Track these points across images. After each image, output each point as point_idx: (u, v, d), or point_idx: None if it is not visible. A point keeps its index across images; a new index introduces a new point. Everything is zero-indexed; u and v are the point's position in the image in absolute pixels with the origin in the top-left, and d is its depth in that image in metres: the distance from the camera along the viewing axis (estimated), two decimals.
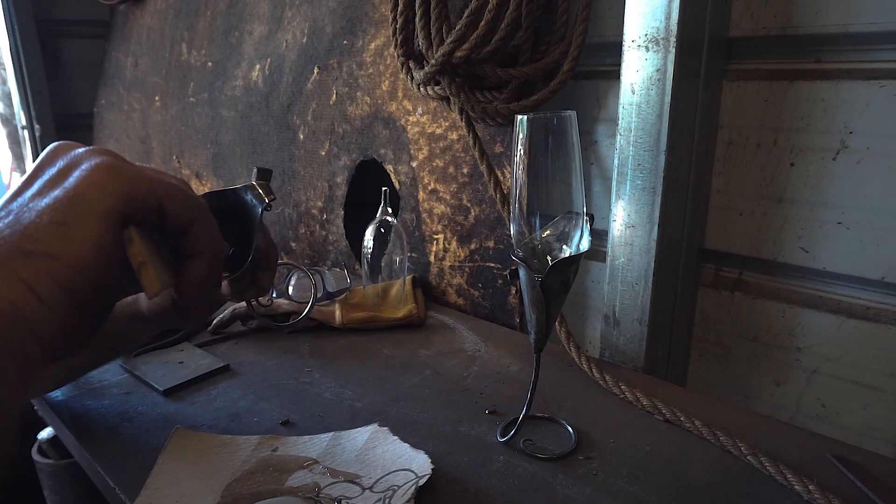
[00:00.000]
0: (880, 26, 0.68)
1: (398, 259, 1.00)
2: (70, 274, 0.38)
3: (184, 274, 0.46)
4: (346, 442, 0.64)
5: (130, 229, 0.41)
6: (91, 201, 0.39)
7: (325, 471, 0.59)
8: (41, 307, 0.37)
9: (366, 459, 0.60)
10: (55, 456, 1.24)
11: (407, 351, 0.89)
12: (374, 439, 0.63)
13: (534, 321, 0.61)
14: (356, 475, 0.58)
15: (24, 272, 0.37)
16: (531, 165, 0.57)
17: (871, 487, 0.56)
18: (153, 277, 0.42)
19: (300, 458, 0.62)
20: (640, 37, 0.74)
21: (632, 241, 0.80)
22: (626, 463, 0.62)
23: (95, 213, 0.39)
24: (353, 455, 0.61)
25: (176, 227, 0.44)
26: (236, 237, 0.56)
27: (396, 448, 0.61)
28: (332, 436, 0.65)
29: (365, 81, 1.15)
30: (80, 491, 1.23)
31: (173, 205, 0.43)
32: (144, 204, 0.41)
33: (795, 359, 0.81)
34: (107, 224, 0.39)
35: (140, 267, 0.41)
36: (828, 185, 0.75)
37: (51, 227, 0.38)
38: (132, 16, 1.85)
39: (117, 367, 0.84)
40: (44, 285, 0.37)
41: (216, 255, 0.47)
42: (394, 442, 0.62)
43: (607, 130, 0.91)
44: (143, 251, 0.41)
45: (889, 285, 0.72)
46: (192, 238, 0.45)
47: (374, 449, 0.62)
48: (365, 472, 0.58)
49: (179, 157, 1.67)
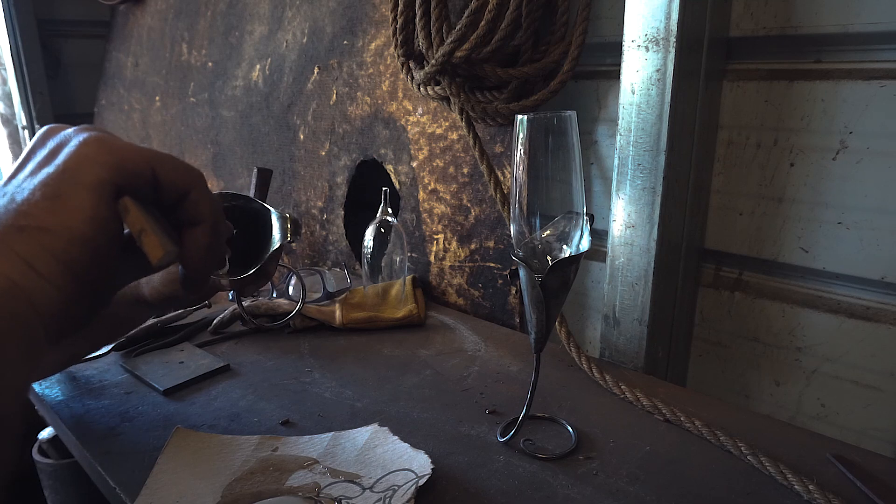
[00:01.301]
0: (880, 26, 0.68)
1: (398, 259, 1.00)
2: (66, 246, 0.38)
3: (186, 242, 0.45)
4: (346, 442, 0.64)
5: (125, 199, 0.41)
6: (82, 174, 0.39)
7: (326, 471, 0.60)
8: (39, 280, 0.37)
9: (366, 459, 0.60)
10: (55, 456, 1.24)
11: (407, 351, 0.89)
12: (374, 439, 0.63)
13: (534, 321, 0.61)
14: (356, 475, 0.58)
15: (21, 247, 0.37)
16: (531, 165, 0.57)
17: (871, 487, 0.56)
18: (155, 242, 0.41)
19: (301, 458, 0.62)
20: (640, 37, 0.74)
21: (632, 241, 0.80)
22: (626, 463, 0.62)
23: (86, 185, 0.39)
24: (354, 455, 0.61)
25: (172, 195, 0.44)
26: (243, 242, 0.57)
27: (397, 448, 0.61)
28: (333, 436, 0.65)
29: (365, 81, 1.15)
30: (81, 491, 1.23)
31: (166, 173, 0.43)
32: (136, 174, 0.41)
33: (795, 359, 0.81)
34: (99, 195, 0.39)
35: (140, 234, 0.41)
36: (828, 185, 0.75)
37: (43, 202, 0.38)
38: (132, 16, 1.85)
39: (117, 366, 0.84)
40: (40, 259, 0.37)
41: (217, 220, 0.47)
42: (394, 442, 0.62)
43: (607, 130, 0.91)
44: (140, 218, 0.41)
45: (889, 285, 0.72)
46: (190, 205, 0.45)
47: (374, 449, 0.62)
48: (365, 472, 0.59)
49: (180, 157, 1.67)
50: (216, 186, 1.56)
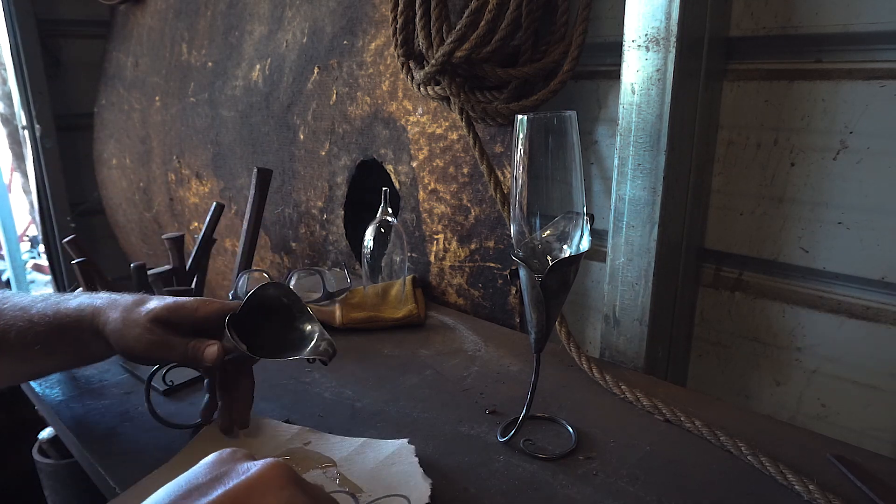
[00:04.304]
0: (880, 26, 0.68)
1: (398, 259, 0.99)
2: None
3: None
4: (371, 451, 0.63)
5: None
6: None
7: (337, 476, 0.59)
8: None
9: (378, 475, 0.59)
10: (56, 456, 1.24)
11: (407, 351, 0.89)
12: (396, 455, 0.62)
13: (534, 321, 0.61)
14: (360, 489, 0.57)
15: None
16: (531, 165, 0.57)
17: (871, 487, 0.56)
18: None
19: (322, 458, 0.62)
20: (640, 37, 0.74)
21: (632, 241, 0.80)
22: (626, 463, 0.62)
23: None
24: (370, 466, 0.60)
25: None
26: (257, 327, 0.62)
27: (410, 470, 0.59)
28: (362, 443, 0.64)
29: (365, 81, 1.15)
30: (81, 491, 1.23)
31: None
32: None
33: (795, 359, 0.81)
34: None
35: None
36: (828, 185, 0.75)
37: None
38: (132, 16, 1.85)
39: (117, 367, 0.84)
40: None
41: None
42: (412, 464, 0.60)
43: (607, 130, 0.91)
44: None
45: (889, 285, 0.72)
46: None
47: (391, 466, 0.60)
48: (369, 487, 0.58)
49: (179, 157, 1.67)
50: (216, 186, 1.56)
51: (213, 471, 0.39)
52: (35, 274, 2.58)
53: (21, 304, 0.65)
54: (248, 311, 0.61)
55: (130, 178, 1.92)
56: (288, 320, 0.63)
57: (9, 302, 0.65)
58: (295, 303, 0.63)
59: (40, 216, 2.03)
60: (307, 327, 0.63)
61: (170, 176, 1.73)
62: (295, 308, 0.63)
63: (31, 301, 0.66)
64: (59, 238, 2.00)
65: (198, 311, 0.62)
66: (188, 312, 0.62)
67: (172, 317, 0.61)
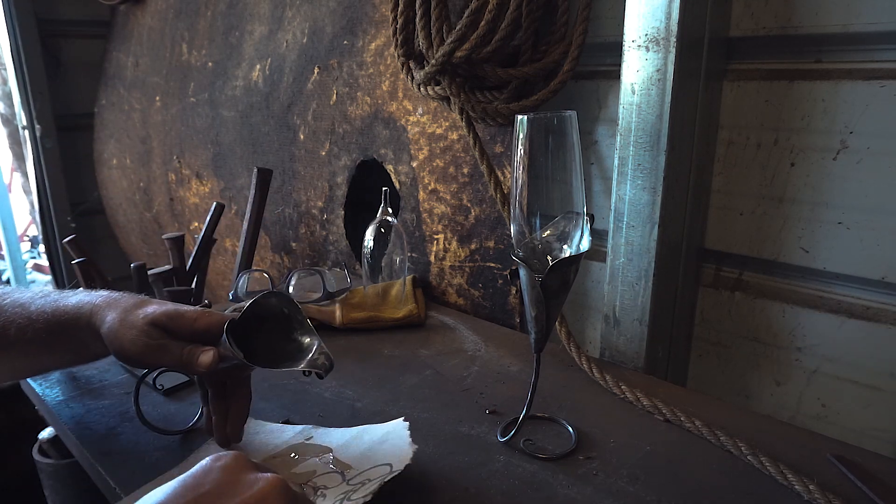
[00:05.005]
0: (880, 26, 0.68)
1: (398, 259, 0.99)
2: None
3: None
4: (366, 435, 0.64)
5: None
6: None
7: (332, 460, 0.60)
8: None
9: (370, 453, 0.60)
10: (56, 456, 1.24)
11: (407, 351, 0.89)
12: (390, 433, 0.63)
13: (534, 321, 0.61)
14: (349, 466, 0.58)
15: None
16: (531, 165, 0.57)
17: (871, 487, 0.56)
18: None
19: (320, 448, 0.63)
20: (640, 37, 0.74)
21: (632, 241, 0.80)
22: (626, 463, 0.62)
23: None
24: (365, 447, 0.61)
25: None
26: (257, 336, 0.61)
27: (399, 444, 0.61)
28: (360, 429, 0.65)
29: (365, 81, 1.15)
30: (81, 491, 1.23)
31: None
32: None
33: (795, 359, 0.81)
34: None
35: None
36: (828, 185, 0.75)
37: None
38: (133, 16, 1.85)
39: (117, 367, 0.84)
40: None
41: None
42: (401, 437, 0.61)
43: (607, 130, 0.91)
44: None
45: (889, 285, 0.72)
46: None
47: (383, 444, 0.61)
48: (358, 464, 0.59)
49: (180, 157, 1.67)
50: (216, 186, 1.56)
51: (218, 479, 0.39)
52: (35, 274, 2.58)
53: (21, 300, 0.65)
54: (247, 320, 0.61)
55: (131, 178, 1.92)
56: (287, 331, 0.63)
57: (8, 298, 0.65)
58: (295, 314, 0.63)
59: (40, 216, 2.03)
60: (306, 339, 0.62)
61: (170, 176, 1.73)
62: (294, 319, 0.63)
63: (30, 297, 0.66)
64: (60, 238, 2.00)
65: (197, 322, 0.61)
66: (187, 322, 0.61)
67: (171, 324, 0.61)
